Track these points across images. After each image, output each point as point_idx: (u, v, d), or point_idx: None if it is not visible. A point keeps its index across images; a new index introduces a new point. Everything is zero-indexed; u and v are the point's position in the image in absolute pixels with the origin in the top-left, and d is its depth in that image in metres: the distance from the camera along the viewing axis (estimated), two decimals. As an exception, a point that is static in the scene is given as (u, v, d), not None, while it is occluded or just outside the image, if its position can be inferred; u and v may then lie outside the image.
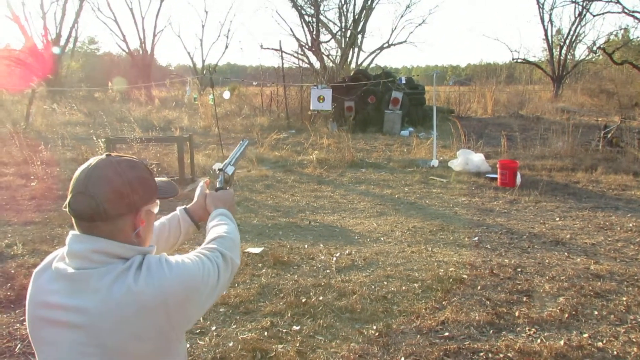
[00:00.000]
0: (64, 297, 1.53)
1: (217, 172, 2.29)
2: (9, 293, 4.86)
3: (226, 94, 19.26)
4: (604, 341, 3.88)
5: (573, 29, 32.99)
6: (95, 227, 1.58)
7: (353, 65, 28.77)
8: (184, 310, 1.60)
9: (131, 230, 1.64)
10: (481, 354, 3.71)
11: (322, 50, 28.48)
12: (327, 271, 5.40)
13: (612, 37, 33.01)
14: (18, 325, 4.26)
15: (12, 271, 5.38)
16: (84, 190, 1.56)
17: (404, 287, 4.93)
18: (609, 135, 13.47)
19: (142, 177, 1.68)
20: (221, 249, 1.83)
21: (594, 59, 34.18)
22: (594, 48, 32.71)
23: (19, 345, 3.94)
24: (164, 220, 2.18)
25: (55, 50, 31.55)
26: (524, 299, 4.66)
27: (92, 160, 1.63)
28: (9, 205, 8.40)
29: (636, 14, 27.81)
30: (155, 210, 1.78)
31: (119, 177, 1.59)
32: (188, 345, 3.88)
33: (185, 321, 1.63)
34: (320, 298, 4.68)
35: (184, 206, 2.24)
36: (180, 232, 2.19)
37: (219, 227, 2.00)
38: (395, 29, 36.60)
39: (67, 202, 1.59)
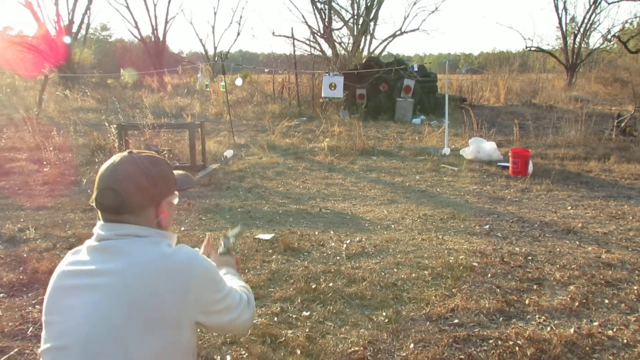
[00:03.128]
0: (93, 264, 1.66)
1: (222, 238, 2.44)
2: (21, 277, 4.91)
3: (239, 81, 19.21)
4: (614, 329, 3.87)
5: (587, 16, 32.67)
6: (122, 218, 1.72)
7: (365, 53, 28.62)
8: (201, 291, 1.72)
9: (154, 220, 1.79)
10: (490, 341, 3.71)
11: (334, 37, 28.32)
12: (337, 258, 5.41)
13: (627, 25, 32.67)
14: (30, 308, 4.30)
15: (25, 255, 5.43)
16: (110, 185, 1.71)
17: (414, 275, 4.93)
18: (623, 124, 13.35)
19: (163, 172, 1.82)
20: (250, 296, 2.00)
21: (608, 48, 33.86)
22: (609, 36, 32.41)
23: (30, 328, 3.98)
24: None
25: (67, 39, 31.63)
26: (535, 287, 4.65)
27: (115, 158, 1.78)
28: (21, 190, 8.47)
29: (652, 2, 27.48)
30: (175, 201, 1.94)
31: (141, 173, 1.74)
32: (198, 330, 3.90)
33: (199, 304, 1.72)
34: (330, 284, 4.69)
35: None
36: None
37: (237, 281, 2.13)
38: (407, 16, 36.71)
39: (93, 197, 1.74)
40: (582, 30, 32.93)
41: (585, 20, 32.78)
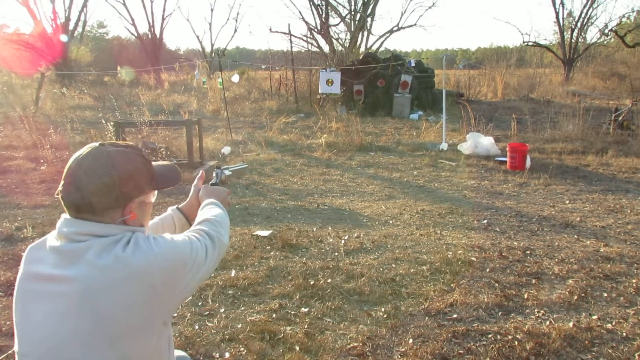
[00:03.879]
0: (53, 268, 1.56)
1: (215, 169, 2.38)
2: (19, 275, 4.89)
3: (235, 78, 19.18)
4: (613, 323, 3.87)
5: (585, 11, 32.64)
6: (83, 216, 1.60)
7: (362, 49, 28.63)
8: (169, 283, 1.61)
9: (118, 220, 1.65)
10: (489, 335, 3.71)
11: (331, 33, 28.35)
12: (336, 254, 5.40)
13: (624, 19, 32.66)
14: (28, 306, 4.28)
15: (22, 254, 5.39)
16: (72, 181, 1.59)
17: (412, 270, 4.92)
18: (620, 118, 13.37)
19: (134, 170, 1.66)
20: (208, 230, 1.86)
21: (605, 42, 33.86)
22: (606, 31, 32.41)
23: (29, 326, 3.97)
24: (157, 220, 2.20)
25: (63, 38, 31.54)
26: (533, 281, 4.64)
27: (85, 149, 1.63)
28: (18, 189, 8.44)
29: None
30: (152, 199, 1.81)
31: (107, 171, 1.59)
32: (197, 327, 3.90)
33: (171, 296, 1.63)
34: (329, 280, 4.69)
35: (177, 205, 2.29)
36: (175, 231, 2.20)
37: (207, 212, 2.03)
38: (405, 12, 36.74)
39: (59, 189, 1.63)
40: (579, 24, 32.94)
41: (583, 15, 32.79)
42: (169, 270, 1.60)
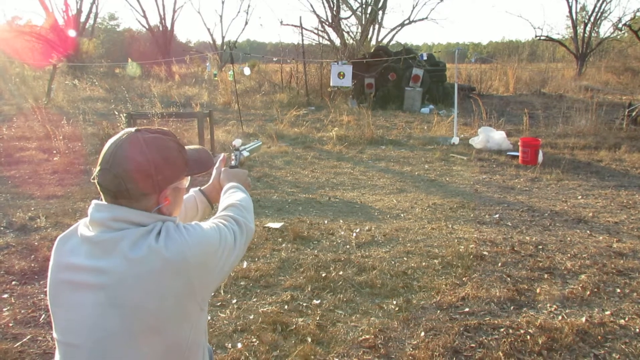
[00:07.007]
0: (87, 259, 1.54)
1: (233, 152, 2.35)
2: (32, 265, 4.93)
3: (246, 70, 19.19)
4: (627, 319, 3.85)
5: (598, 5, 32.39)
6: (119, 202, 1.58)
7: (373, 42, 28.49)
8: (203, 273, 1.60)
9: (154, 206, 1.63)
10: (501, 329, 3.70)
11: (342, 26, 28.22)
12: (347, 246, 5.40)
13: (638, 14, 32.33)
14: (42, 296, 4.32)
15: (36, 243, 5.45)
16: (109, 167, 1.55)
17: (424, 263, 4.92)
18: (634, 114, 13.26)
19: (170, 157, 1.65)
20: (235, 215, 1.84)
21: (619, 37, 33.56)
22: (620, 25, 32.09)
23: (43, 316, 4.01)
24: None
25: (72, 33, 31.65)
26: (545, 276, 4.63)
27: (121, 135, 1.61)
28: (31, 179, 8.49)
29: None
30: (185, 184, 1.78)
31: (144, 158, 1.57)
32: (209, 318, 3.92)
33: (205, 285, 1.63)
34: (340, 273, 4.69)
35: (199, 187, 2.27)
36: (197, 213, 2.21)
37: (231, 196, 2.01)
38: (416, 5, 36.56)
39: (95, 174, 1.59)
40: (592, 19, 32.69)
41: (596, 9, 32.56)
42: (201, 259, 1.58)
